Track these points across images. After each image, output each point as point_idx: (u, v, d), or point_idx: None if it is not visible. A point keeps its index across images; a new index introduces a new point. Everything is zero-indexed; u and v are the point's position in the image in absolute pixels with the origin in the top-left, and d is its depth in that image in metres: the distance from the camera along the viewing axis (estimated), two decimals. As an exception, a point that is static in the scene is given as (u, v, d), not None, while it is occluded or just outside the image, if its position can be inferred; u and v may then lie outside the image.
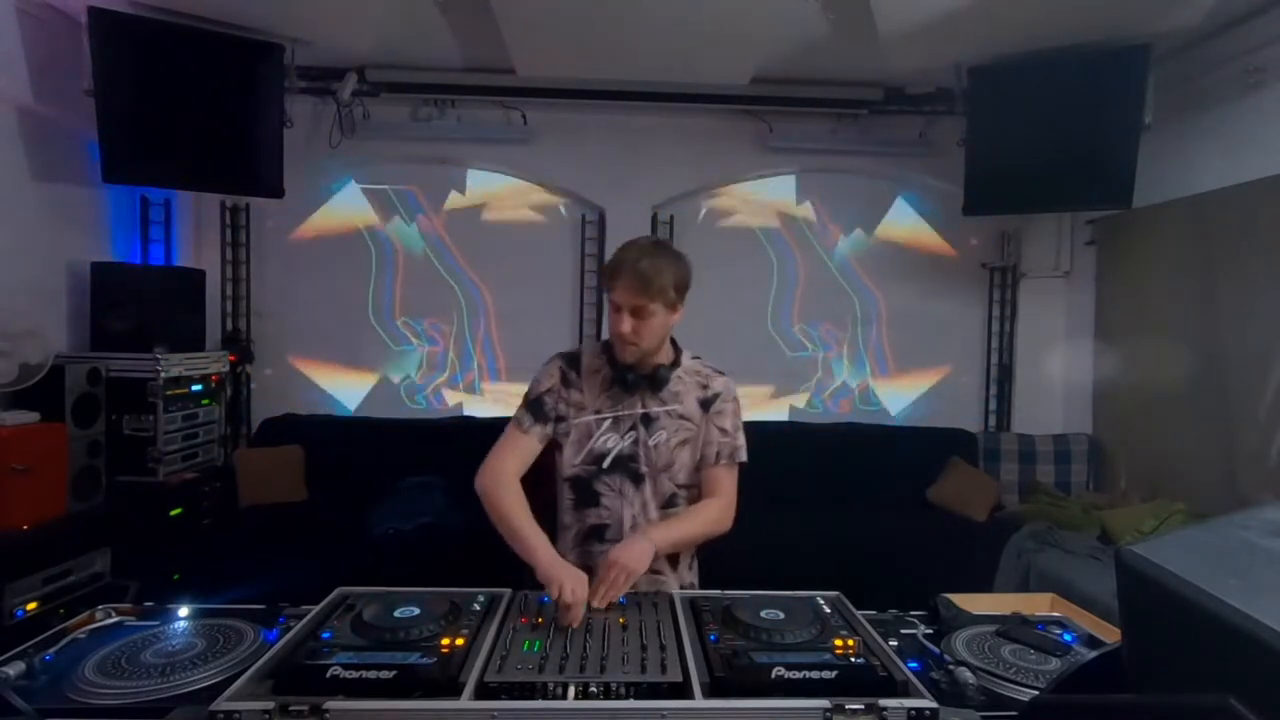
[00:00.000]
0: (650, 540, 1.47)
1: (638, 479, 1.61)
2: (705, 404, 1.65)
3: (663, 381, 1.60)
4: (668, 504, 1.64)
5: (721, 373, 1.71)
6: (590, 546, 1.62)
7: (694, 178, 4.25)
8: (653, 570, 1.54)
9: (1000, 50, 3.34)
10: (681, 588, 1.64)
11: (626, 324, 1.52)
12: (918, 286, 4.37)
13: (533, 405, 1.64)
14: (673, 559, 1.65)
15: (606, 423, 1.61)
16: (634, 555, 1.40)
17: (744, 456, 1.68)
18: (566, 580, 1.30)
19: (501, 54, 3.54)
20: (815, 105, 4.03)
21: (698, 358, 1.73)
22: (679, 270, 1.57)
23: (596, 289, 4.21)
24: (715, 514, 1.61)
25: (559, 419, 1.63)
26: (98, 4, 3.01)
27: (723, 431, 1.65)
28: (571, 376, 1.65)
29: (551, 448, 1.68)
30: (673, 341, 1.68)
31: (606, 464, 1.61)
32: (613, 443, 1.61)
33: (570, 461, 1.63)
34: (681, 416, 1.63)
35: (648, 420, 1.61)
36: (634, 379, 1.59)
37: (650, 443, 1.61)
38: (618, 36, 3.30)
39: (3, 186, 3.02)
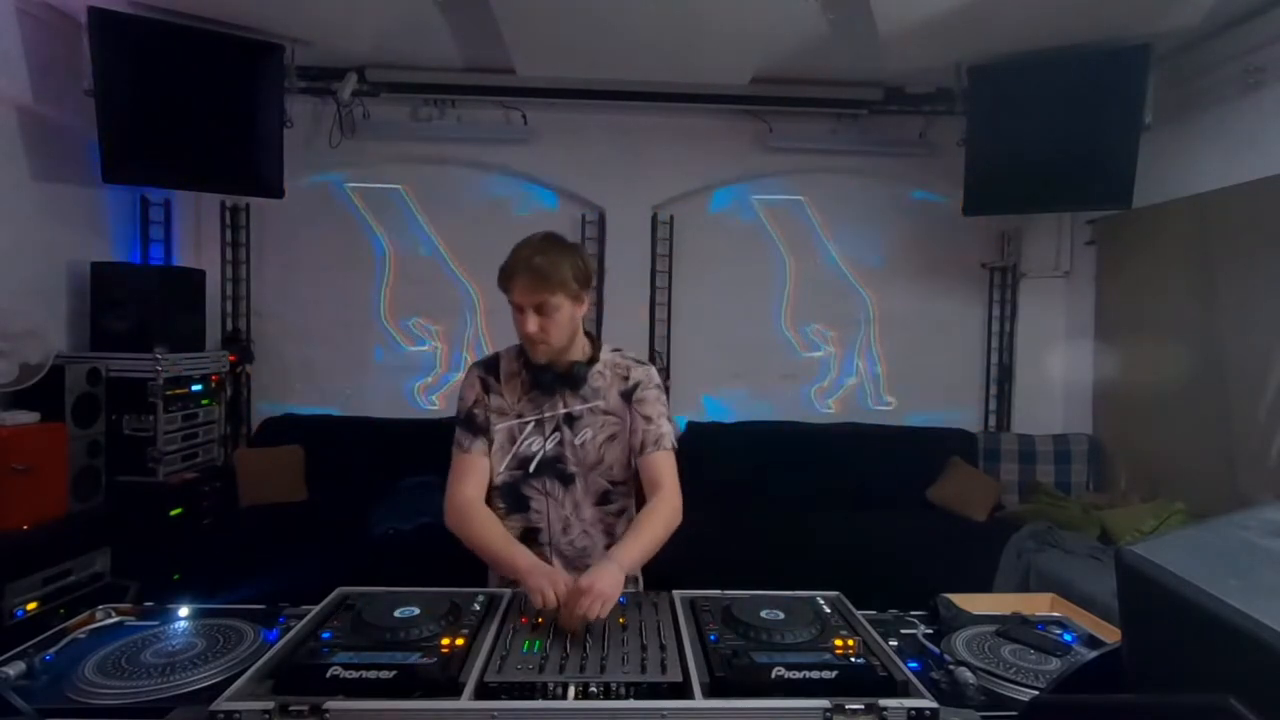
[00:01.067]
0: (618, 564, 1.36)
1: (566, 479, 1.60)
2: (626, 395, 1.62)
3: (580, 379, 1.57)
4: (602, 501, 1.62)
5: (643, 362, 1.68)
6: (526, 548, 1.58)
7: (694, 178, 4.24)
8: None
9: (1000, 50, 3.34)
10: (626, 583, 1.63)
11: (532, 323, 1.48)
12: (918, 286, 4.37)
13: (465, 422, 1.61)
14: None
15: (529, 426, 1.59)
16: (608, 583, 1.28)
17: (672, 443, 1.62)
18: (545, 586, 1.26)
19: (501, 54, 3.54)
20: (815, 105, 4.03)
21: (618, 350, 1.68)
22: (575, 261, 1.52)
23: (596, 289, 4.21)
24: (666, 513, 1.54)
25: (488, 426, 1.60)
26: (98, 4, 3.01)
27: (646, 419, 1.60)
28: (491, 383, 1.62)
29: None
30: (590, 336, 1.65)
31: (532, 468, 1.58)
32: (536, 445, 1.59)
33: (497, 469, 1.60)
34: (605, 412, 1.60)
35: (570, 419, 1.59)
36: (550, 379, 1.55)
37: (576, 441, 1.58)
38: (618, 36, 3.30)
39: (3, 186, 3.02)
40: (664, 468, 1.59)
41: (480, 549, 1.50)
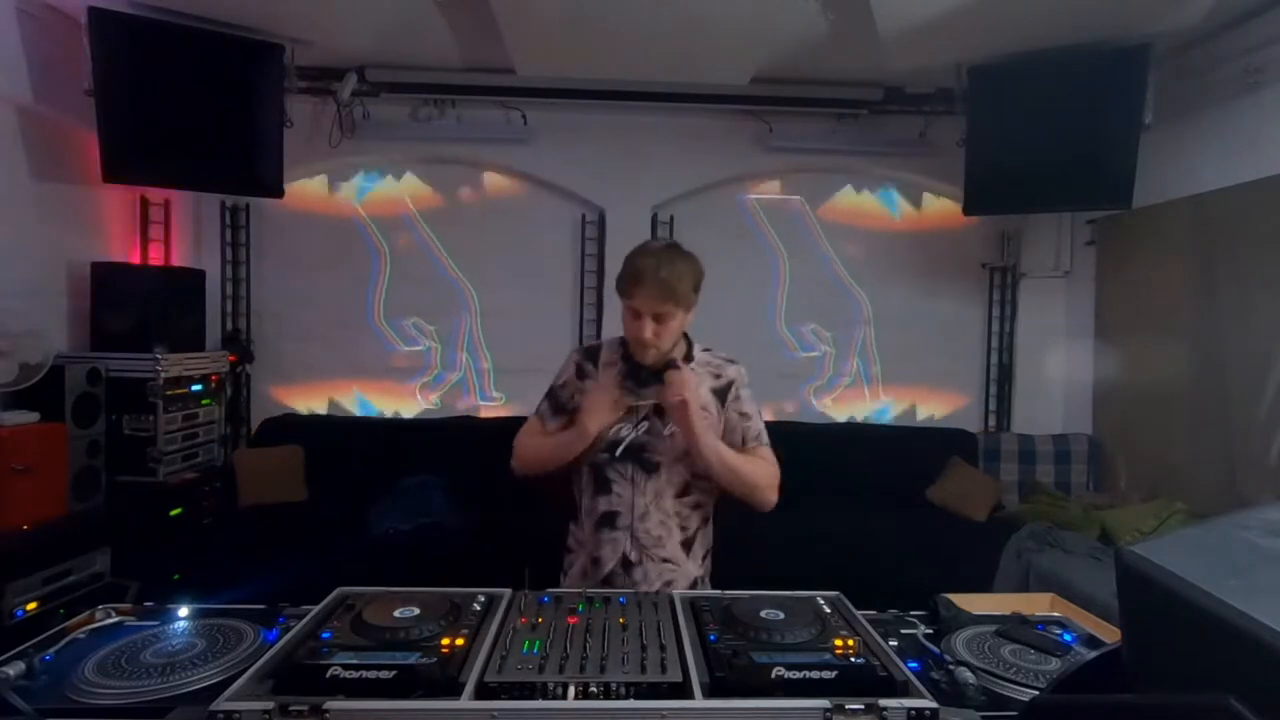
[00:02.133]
0: (702, 426, 1.55)
1: (650, 467, 1.64)
2: (720, 392, 1.70)
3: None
4: (682, 493, 1.67)
5: (733, 360, 1.77)
6: (602, 533, 1.65)
7: (694, 178, 4.25)
8: (664, 559, 1.60)
9: (1000, 50, 3.33)
10: (695, 579, 1.67)
11: (649, 330, 1.56)
12: (918, 286, 4.37)
13: (550, 397, 1.74)
14: (687, 546, 1.67)
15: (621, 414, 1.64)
16: (686, 382, 1.55)
17: (768, 440, 1.73)
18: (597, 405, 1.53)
19: (501, 54, 3.54)
20: (815, 105, 4.03)
21: (708, 349, 1.77)
22: (695, 273, 1.62)
23: (597, 289, 4.21)
24: (766, 470, 1.66)
25: (576, 410, 1.67)
26: (98, 4, 3.01)
27: (744, 416, 1.70)
28: (588, 369, 1.71)
29: None
30: (685, 336, 1.73)
31: (618, 453, 1.64)
32: (625, 432, 1.64)
33: (587, 452, 1.67)
34: (699, 406, 1.64)
35: (662, 411, 1.64)
36: (647, 375, 1.62)
37: (665, 432, 1.64)
38: (618, 36, 3.30)
39: (3, 186, 3.02)
40: (768, 457, 1.70)
41: (548, 456, 1.66)
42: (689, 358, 1.70)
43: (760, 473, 1.65)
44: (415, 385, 4.31)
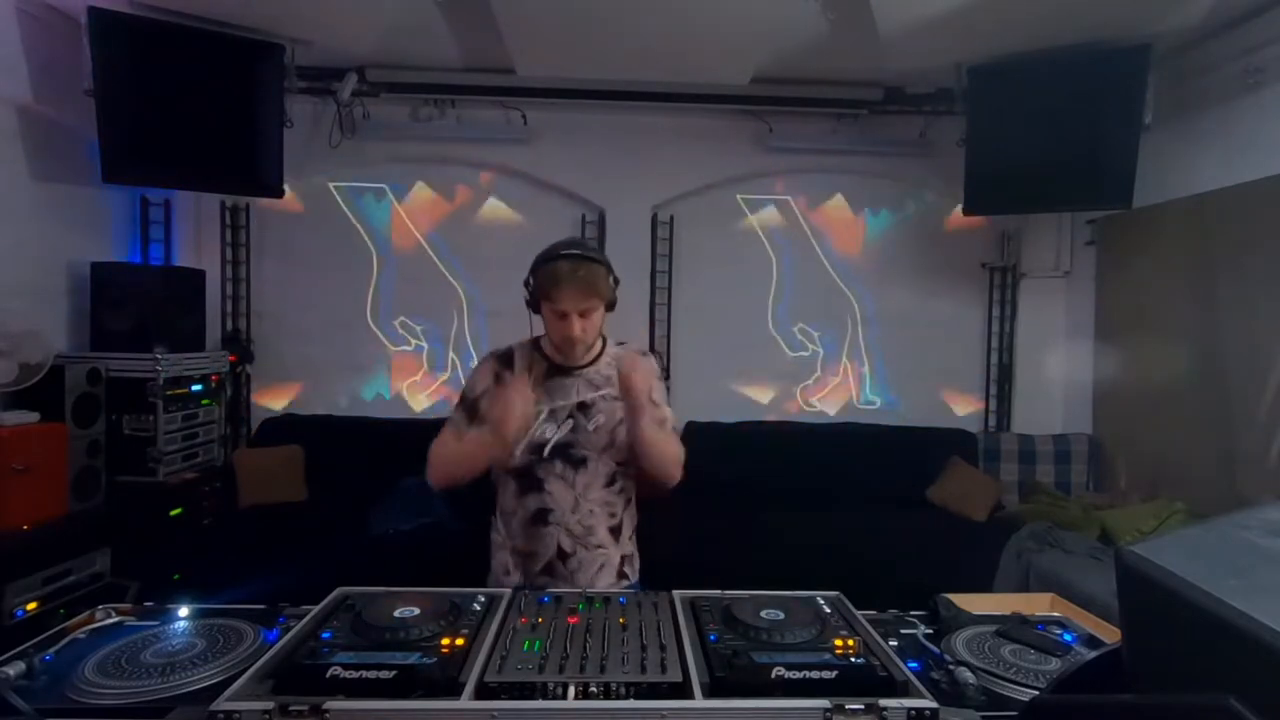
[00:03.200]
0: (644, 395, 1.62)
1: (578, 462, 1.69)
2: None
3: (592, 374, 1.73)
4: (609, 483, 1.73)
5: (645, 353, 1.84)
6: (536, 529, 1.69)
7: (694, 178, 4.24)
8: (597, 546, 1.67)
9: (1000, 50, 3.34)
10: (622, 557, 1.74)
11: (576, 327, 1.62)
12: (918, 286, 4.37)
13: (468, 408, 1.73)
14: (615, 531, 1.73)
15: (543, 414, 1.68)
16: (639, 366, 1.60)
17: (676, 424, 1.81)
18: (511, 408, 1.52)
19: (501, 54, 3.54)
20: (815, 105, 4.03)
21: (621, 343, 1.84)
22: (609, 269, 1.67)
23: (596, 289, 4.20)
24: (678, 447, 1.73)
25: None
26: (98, 4, 3.01)
27: (655, 404, 1.74)
28: (505, 375, 1.72)
29: None
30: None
31: (546, 452, 1.68)
32: (550, 432, 1.68)
33: (514, 454, 1.69)
34: (615, 398, 1.71)
35: (584, 407, 1.70)
36: (560, 371, 1.70)
37: (590, 427, 1.69)
38: (618, 36, 3.30)
39: (3, 186, 3.02)
40: (678, 440, 1.77)
41: (462, 456, 1.65)
42: (603, 351, 1.76)
43: (674, 448, 1.72)
44: (415, 385, 4.31)
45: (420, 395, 4.31)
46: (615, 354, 1.77)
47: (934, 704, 0.99)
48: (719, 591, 1.37)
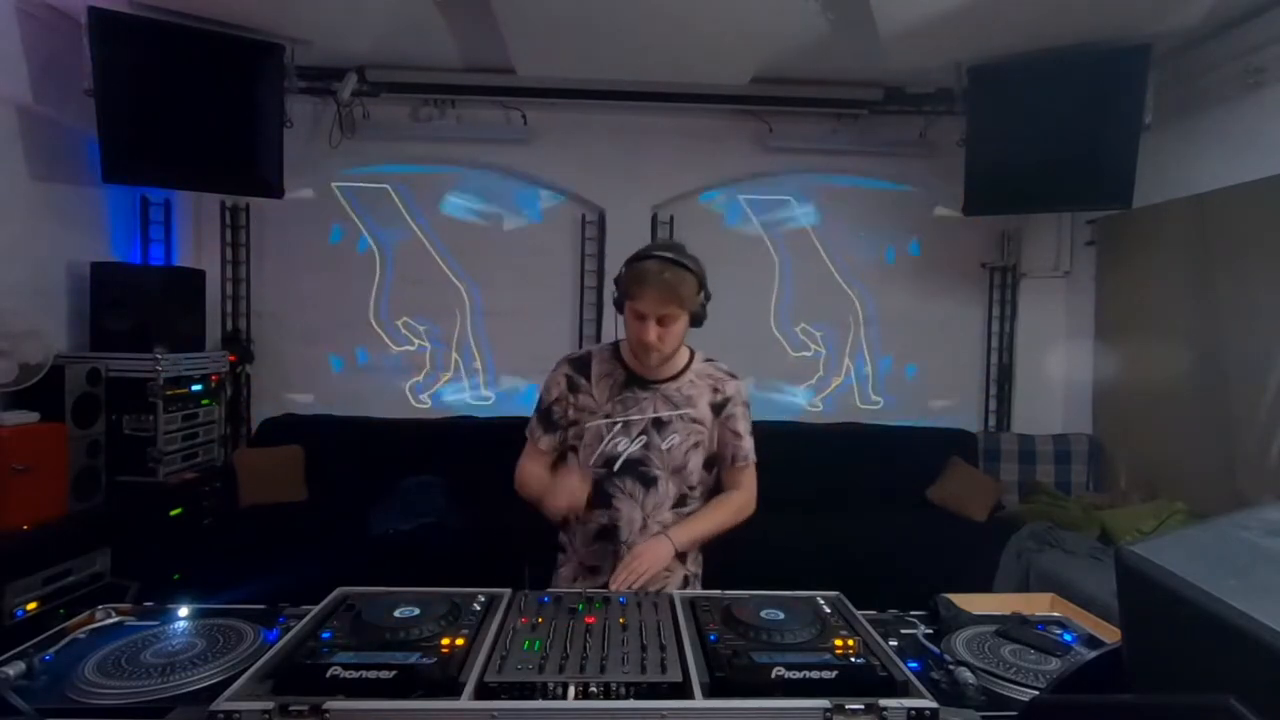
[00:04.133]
0: (670, 539, 1.59)
1: (649, 481, 1.64)
2: (716, 408, 1.69)
3: (672, 391, 1.66)
4: (678, 504, 1.67)
5: (734, 375, 1.74)
6: (601, 545, 1.65)
7: (694, 178, 4.24)
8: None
9: (1000, 50, 3.33)
10: (686, 579, 1.68)
11: (652, 333, 1.55)
12: (918, 286, 4.37)
13: (542, 417, 1.70)
14: (680, 554, 1.67)
15: (617, 427, 1.64)
16: (657, 553, 1.55)
17: (755, 457, 1.76)
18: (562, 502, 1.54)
19: (501, 54, 3.54)
20: (815, 105, 4.03)
21: (710, 360, 1.75)
22: (699, 275, 1.61)
23: (597, 289, 4.21)
24: (738, 501, 1.72)
25: (571, 424, 1.67)
26: (98, 4, 3.01)
27: (736, 435, 1.70)
28: (580, 382, 1.67)
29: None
30: (686, 344, 1.71)
31: (617, 467, 1.64)
32: (623, 446, 1.63)
33: (584, 463, 1.66)
34: (694, 420, 1.66)
35: (659, 424, 1.64)
36: (644, 384, 1.63)
37: (663, 446, 1.63)
38: (618, 36, 3.30)
39: (3, 186, 3.02)
40: (748, 478, 1.76)
41: (533, 499, 1.65)
42: (687, 368, 1.69)
43: (731, 513, 1.70)
44: (415, 385, 4.31)
45: (420, 395, 4.31)
46: (702, 371, 1.70)
47: (934, 704, 0.99)
48: (719, 591, 1.37)
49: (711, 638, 1.14)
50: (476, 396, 4.32)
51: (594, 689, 1.00)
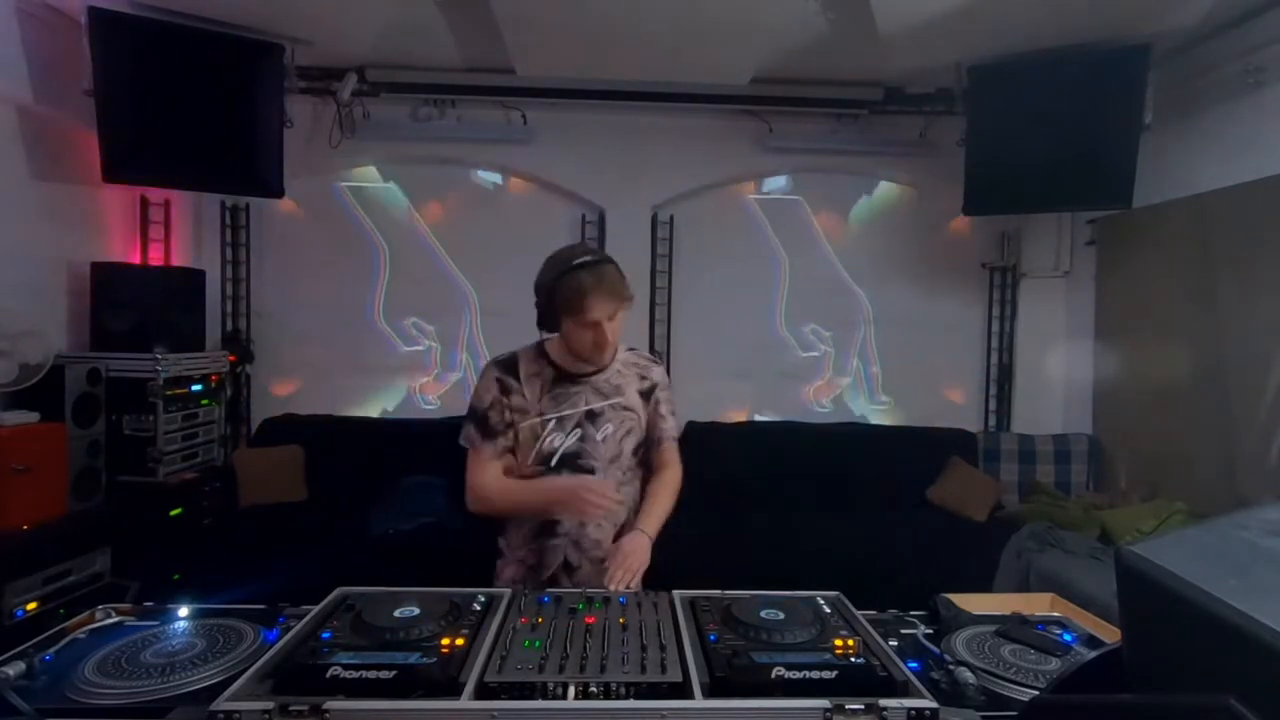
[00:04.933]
0: (647, 535, 1.65)
1: (586, 473, 1.67)
2: (645, 394, 1.75)
3: (602, 382, 1.70)
4: (616, 492, 1.70)
5: (656, 361, 1.82)
6: (543, 541, 1.68)
7: (694, 178, 4.24)
8: (602, 558, 1.65)
9: (1000, 50, 3.33)
10: None
11: (610, 332, 1.59)
12: (918, 286, 4.37)
13: (479, 422, 1.69)
14: (619, 535, 1.72)
15: (551, 423, 1.66)
16: (644, 548, 1.60)
17: (676, 435, 1.85)
18: (596, 498, 1.54)
19: (501, 54, 3.54)
20: (815, 105, 4.03)
21: (632, 349, 1.81)
22: (617, 265, 1.64)
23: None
24: (676, 483, 1.78)
25: (509, 426, 1.67)
26: (98, 4, 3.01)
27: (661, 416, 1.77)
28: (511, 384, 1.68)
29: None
30: None
31: (554, 462, 1.66)
32: (558, 442, 1.66)
33: (521, 464, 1.68)
34: (625, 408, 1.70)
35: (592, 416, 1.68)
36: (567, 379, 1.67)
37: (598, 437, 1.67)
38: (618, 36, 3.30)
39: (3, 186, 3.02)
40: (673, 453, 1.82)
41: (514, 510, 1.68)
42: (613, 357, 1.73)
43: (674, 492, 1.77)
44: (415, 385, 4.31)
45: (420, 395, 4.30)
46: (627, 360, 1.76)
47: (934, 704, 0.99)
48: (719, 591, 1.37)
49: (711, 638, 1.14)
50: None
51: (594, 689, 1.00)
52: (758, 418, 4.36)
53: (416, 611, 1.17)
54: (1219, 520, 0.73)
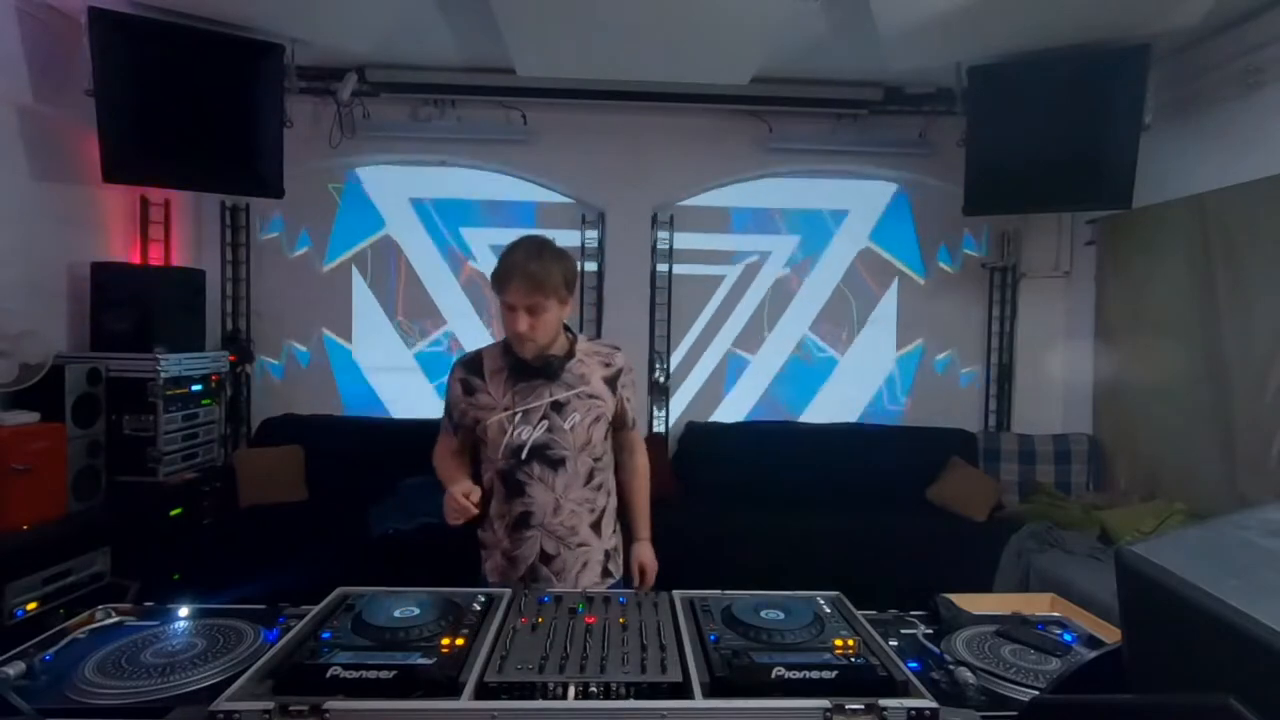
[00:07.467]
0: (647, 540, 1.84)
1: (556, 463, 1.70)
2: (611, 380, 1.77)
3: (556, 372, 1.70)
4: (588, 480, 1.74)
5: (617, 348, 1.84)
6: (520, 533, 1.70)
7: (694, 178, 4.24)
8: (579, 544, 1.70)
9: (1000, 50, 3.33)
10: (606, 552, 1.77)
11: (523, 322, 1.62)
12: (918, 286, 4.37)
13: (448, 412, 1.80)
14: (596, 526, 1.76)
15: (518, 417, 1.69)
16: (653, 556, 1.84)
17: (639, 420, 1.97)
18: (455, 488, 1.60)
19: (501, 54, 3.53)
20: (815, 105, 4.03)
21: (591, 339, 1.84)
22: (565, 267, 1.67)
23: (596, 289, 4.22)
24: (647, 472, 1.91)
25: (474, 423, 1.73)
26: (98, 4, 3.01)
27: (627, 401, 1.81)
28: (475, 383, 1.73)
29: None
30: (567, 330, 1.78)
31: (524, 455, 1.69)
32: (526, 434, 1.69)
33: (493, 459, 1.72)
34: (590, 396, 1.73)
35: (558, 406, 1.70)
36: (531, 372, 1.69)
37: (566, 426, 1.69)
38: (617, 36, 3.29)
39: (3, 186, 3.02)
40: (639, 439, 1.92)
41: (442, 479, 1.76)
42: (571, 354, 1.74)
43: (647, 481, 1.91)
44: (415, 385, 4.30)
45: (420, 394, 4.30)
46: (587, 350, 1.77)
47: (934, 704, 0.99)
48: (719, 591, 1.37)
49: (711, 638, 1.14)
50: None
51: (594, 689, 1.00)
52: (757, 418, 4.36)
53: (416, 612, 1.17)
54: (1219, 520, 0.73)
